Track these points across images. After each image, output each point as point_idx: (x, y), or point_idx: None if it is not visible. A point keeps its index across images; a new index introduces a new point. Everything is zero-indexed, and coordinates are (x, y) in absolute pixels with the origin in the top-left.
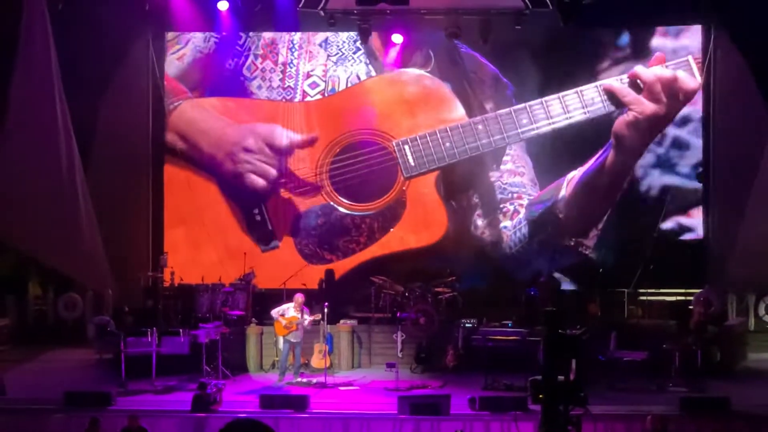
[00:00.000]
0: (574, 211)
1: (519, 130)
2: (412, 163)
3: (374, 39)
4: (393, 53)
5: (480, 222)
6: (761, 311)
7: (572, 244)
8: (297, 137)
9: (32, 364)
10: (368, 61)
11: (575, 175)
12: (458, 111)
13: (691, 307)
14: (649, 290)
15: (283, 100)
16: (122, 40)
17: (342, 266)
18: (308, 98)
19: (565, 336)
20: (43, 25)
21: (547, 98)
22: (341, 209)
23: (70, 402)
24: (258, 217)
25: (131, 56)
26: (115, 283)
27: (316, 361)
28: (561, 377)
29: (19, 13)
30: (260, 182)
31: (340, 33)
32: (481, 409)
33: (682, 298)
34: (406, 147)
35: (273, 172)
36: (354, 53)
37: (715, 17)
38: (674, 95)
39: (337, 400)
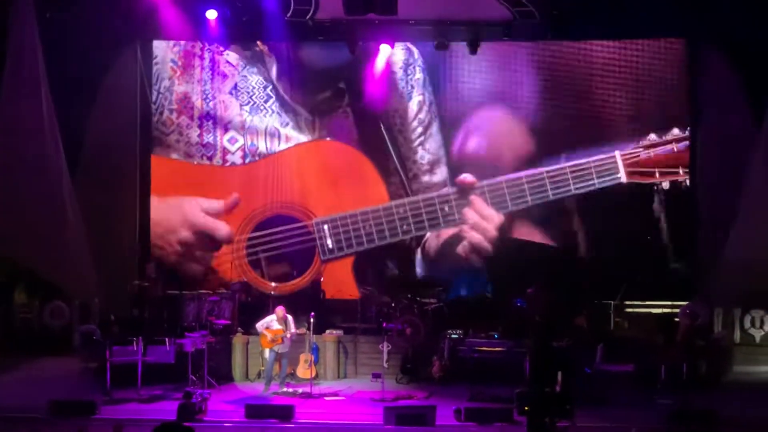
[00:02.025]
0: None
1: (441, 219)
2: (331, 246)
3: (283, 83)
4: (381, 62)
5: None
6: (747, 324)
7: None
8: (214, 205)
9: (18, 373)
10: (280, 111)
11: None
12: (381, 189)
13: (677, 319)
14: (636, 303)
15: (203, 157)
16: (110, 49)
17: None
18: (229, 155)
19: (551, 348)
20: (31, 33)
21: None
22: (255, 287)
23: (55, 411)
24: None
25: (119, 64)
26: (101, 292)
27: (302, 371)
28: (547, 389)
29: (7, 20)
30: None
31: (249, 77)
32: (467, 420)
33: (669, 310)
34: (326, 227)
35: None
36: (265, 102)
37: (699, 29)
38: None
39: (322, 411)
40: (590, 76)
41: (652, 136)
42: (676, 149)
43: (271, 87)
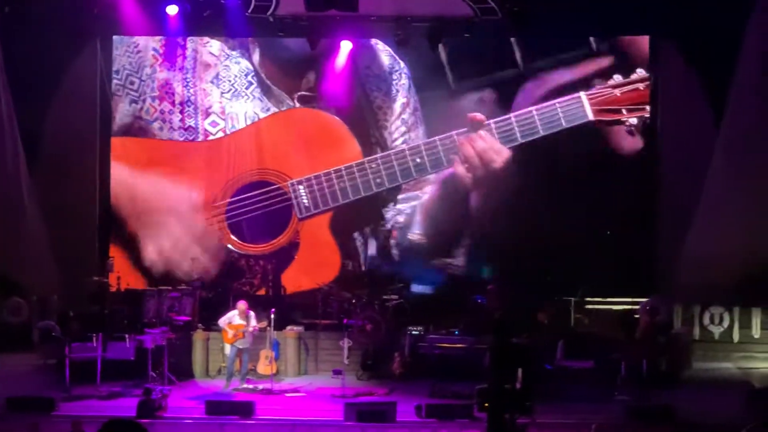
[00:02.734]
0: (431, 233)
1: (413, 170)
2: (307, 204)
3: (265, 67)
4: (341, 59)
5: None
6: (706, 321)
7: (441, 263)
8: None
9: None
10: (261, 97)
11: (424, 200)
12: (354, 149)
13: (637, 316)
14: (596, 299)
15: (186, 140)
16: (70, 44)
17: None
18: (210, 137)
19: (512, 344)
20: None
21: (441, 136)
22: (235, 250)
23: (12, 407)
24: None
25: (79, 60)
26: (60, 288)
27: (263, 367)
28: (507, 386)
29: None
30: None
31: (231, 67)
32: (428, 416)
33: (629, 307)
34: (300, 187)
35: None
36: (246, 88)
37: (661, 27)
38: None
39: (283, 407)
40: None
41: (617, 77)
42: (642, 87)
43: (253, 74)
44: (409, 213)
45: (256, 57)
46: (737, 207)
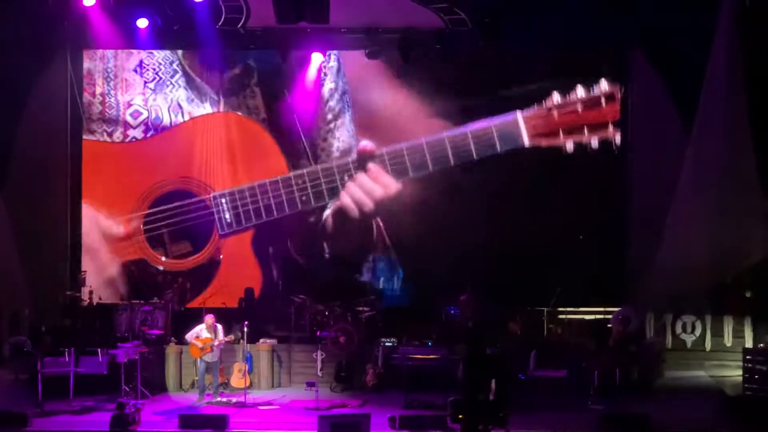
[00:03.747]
0: (339, 247)
1: (339, 185)
2: (229, 220)
3: (190, 58)
4: (312, 73)
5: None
6: (678, 329)
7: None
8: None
9: None
10: (187, 86)
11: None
12: (280, 161)
13: (609, 325)
14: (569, 309)
15: (104, 134)
16: (40, 58)
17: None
18: (130, 130)
19: (485, 355)
20: None
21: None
22: (153, 265)
23: None
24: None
25: (49, 74)
26: (32, 302)
27: (236, 380)
28: (481, 396)
29: None
30: None
31: (155, 53)
32: (401, 428)
33: (601, 316)
34: (223, 201)
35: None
36: (172, 77)
37: (632, 39)
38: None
39: (256, 420)
40: None
41: (556, 96)
42: (580, 109)
43: (177, 62)
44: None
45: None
46: (706, 216)
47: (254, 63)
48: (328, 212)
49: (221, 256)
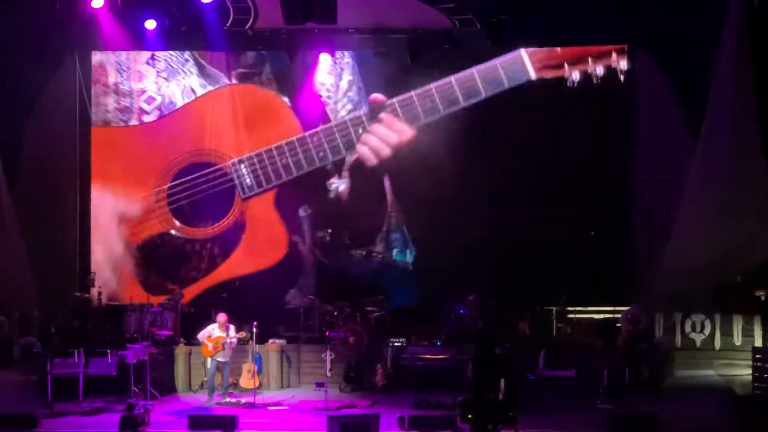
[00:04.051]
0: (352, 221)
1: (354, 137)
2: (250, 183)
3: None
4: (321, 71)
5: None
6: (687, 328)
7: (363, 253)
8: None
9: None
10: (199, 74)
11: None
12: (294, 123)
13: (618, 324)
14: (578, 308)
15: (120, 122)
16: (49, 60)
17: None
18: (145, 116)
19: (493, 355)
20: None
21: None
22: (180, 235)
23: None
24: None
25: (58, 75)
26: (41, 304)
27: (245, 380)
28: (490, 396)
29: None
30: None
31: None
32: (411, 428)
33: (610, 316)
34: (242, 167)
35: None
36: (183, 65)
37: (637, 37)
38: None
39: (266, 420)
40: None
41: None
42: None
43: (188, 52)
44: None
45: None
46: (715, 215)
47: (265, 51)
48: (343, 186)
49: (245, 217)
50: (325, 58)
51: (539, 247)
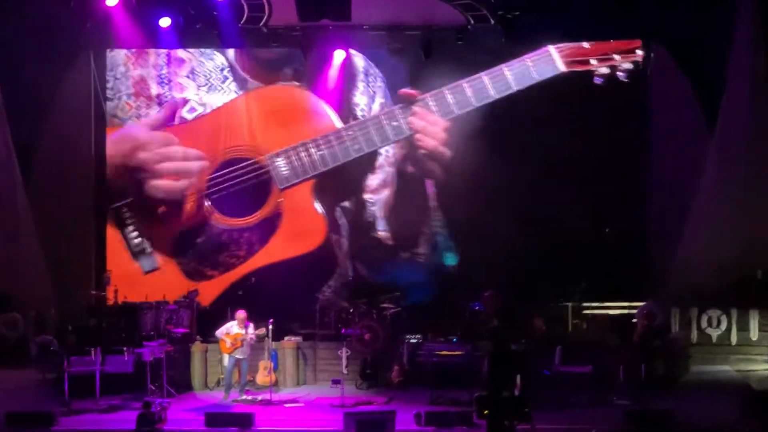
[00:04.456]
0: (395, 228)
1: (390, 133)
2: (287, 174)
3: (242, 61)
4: (333, 72)
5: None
6: (703, 324)
7: (408, 255)
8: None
9: None
10: (238, 90)
11: (384, 198)
12: (329, 119)
13: (634, 320)
14: (593, 304)
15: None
16: (63, 58)
17: (225, 280)
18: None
19: (509, 351)
20: None
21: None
22: (219, 225)
23: (12, 423)
24: (137, 240)
25: (73, 73)
26: (58, 302)
27: (261, 378)
28: (506, 392)
29: None
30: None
31: (206, 63)
32: (427, 424)
33: (626, 311)
34: (278, 159)
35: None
36: (222, 82)
37: (653, 32)
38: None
39: (282, 417)
40: None
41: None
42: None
43: (228, 69)
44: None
45: (230, 52)
46: (730, 209)
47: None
48: (386, 192)
49: (282, 207)
50: (339, 55)
51: (554, 243)
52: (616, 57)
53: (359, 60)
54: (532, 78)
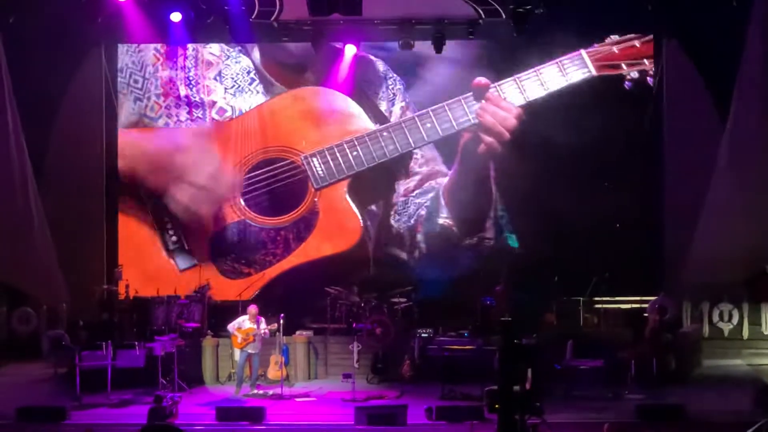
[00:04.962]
0: (460, 214)
1: (424, 134)
2: (322, 174)
3: (267, 65)
4: (344, 67)
5: (395, 223)
6: (715, 318)
7: (474, 241)
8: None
9: None
10: (265, 92)
11: (444, 182)
12: (364, 121)
13: (646, 314)
14: (605, 298)
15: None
16: (75, 53)
17: (263, 276)
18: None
19: (520, 345)
20: None
21: (449, 101)
22: (255, 224)
23: (23, 417)
24: (174, 238)
25: (84, 69)
26: (69, 297)
27: (273, 372)
28: (517, 387)
29: None
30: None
31: (232, 66)
32: (438, 419)
33: (637, 306)
34: (314, 160)
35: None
36: (249, 84)
37: (665, 26)
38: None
39: (293, 412)
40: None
41: (613, 36)
42: (638, 44)
43: (254, 71)
44: (429, 205)
45: (256, 55)
46: (743, 204)
47: (320, 67)
48: (439, 190)
49: (318, 206)
50: (350, 50)
51: (566, 237)
52: (646, 62)
53: (379, 65)
54: (564, 82)
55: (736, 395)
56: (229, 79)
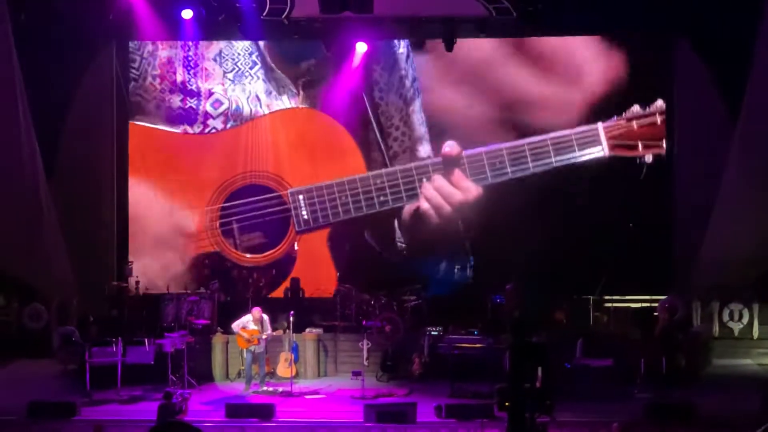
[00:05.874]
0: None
1: (417, 186)
2: (306, 217)
3: (268, 49)
4: (357, 60)
5: None
6: (725, 317)
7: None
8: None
9: None
10: (265, 79)
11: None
12: (358, 160)
13: (656, 314)
14: (615, 297)
15: (183, 123)
16: (86, 50)
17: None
18: (210, 120)
19: (530, 343)
20: (6, 37)
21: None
22: (230, 259)
23: (34, 413)
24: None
25: (95, 66)
26: (79, 293)
27: (282, 369)
28: (527, 385)
29: None
30: None
31: (235, 44)
32: (448, 416)
33: (647, 305)
34: (301, 198)
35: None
36: (251, 68)
37: (677, 27)
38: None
39: (303, 409)
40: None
41: (636, 108)
42: (659, 121)
43: (257, 53)
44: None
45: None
46: (754, 205)
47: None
48: (407, 208)
49: (296, 251)
50: (361, 47)
51: (577, 237)
52: (664, 144)
53: (394, 70)
54: (574, 158)
55: (745, 395)
56: (229, 60)
